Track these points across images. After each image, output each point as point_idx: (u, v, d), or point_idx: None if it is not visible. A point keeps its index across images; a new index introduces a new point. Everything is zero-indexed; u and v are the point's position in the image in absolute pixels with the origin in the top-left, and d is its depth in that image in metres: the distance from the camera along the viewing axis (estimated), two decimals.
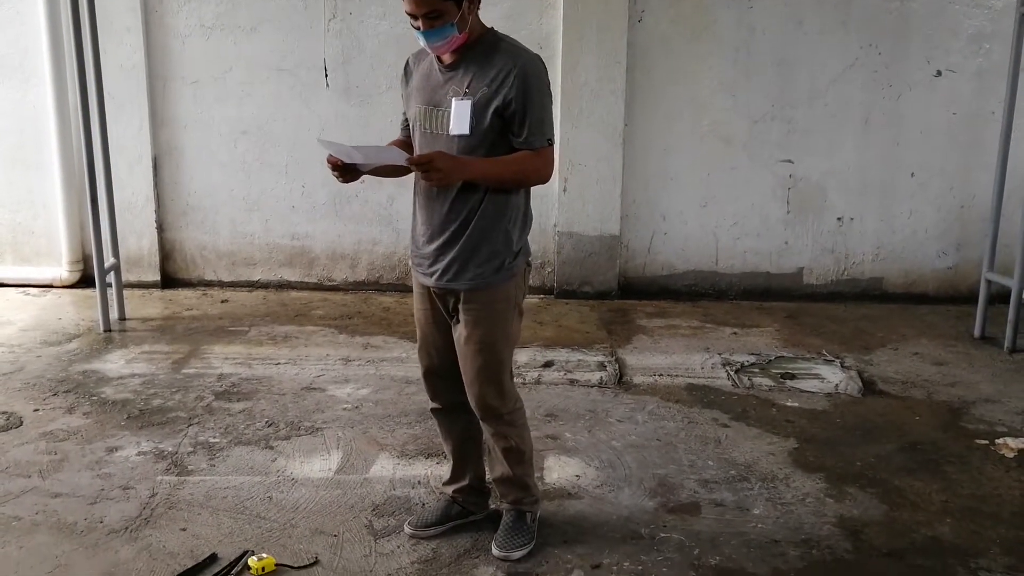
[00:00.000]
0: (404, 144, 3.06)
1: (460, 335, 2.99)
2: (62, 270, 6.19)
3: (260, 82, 6.09)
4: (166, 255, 6.32)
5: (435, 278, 2.94)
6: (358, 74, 6.06)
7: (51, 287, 6.19)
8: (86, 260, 6.17)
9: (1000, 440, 4.09)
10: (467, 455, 3.25)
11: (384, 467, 3.74)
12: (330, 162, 2.87)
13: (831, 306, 6.21)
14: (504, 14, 5.77)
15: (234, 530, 3.24)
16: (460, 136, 2.80)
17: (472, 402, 3.05)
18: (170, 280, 6.33)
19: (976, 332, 5.55)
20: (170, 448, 3.88)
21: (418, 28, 2.74)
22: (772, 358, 5.15)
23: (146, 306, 5.95)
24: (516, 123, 2.79)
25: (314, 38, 6.00)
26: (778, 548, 3.23)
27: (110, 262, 5.48)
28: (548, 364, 4.90)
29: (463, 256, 2.89)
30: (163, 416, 4.20)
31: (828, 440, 4.11)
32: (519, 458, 3.13)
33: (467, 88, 2.80)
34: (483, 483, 3.30)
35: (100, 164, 5.40)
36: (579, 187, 6.04)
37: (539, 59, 2.85)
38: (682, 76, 6.08)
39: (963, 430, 4.24)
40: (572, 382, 4.73)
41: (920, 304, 6.29)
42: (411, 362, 4.37)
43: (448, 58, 2.85)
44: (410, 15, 2.73)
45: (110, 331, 5.37)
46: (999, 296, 5.55)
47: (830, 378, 4.85)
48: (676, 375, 4.85)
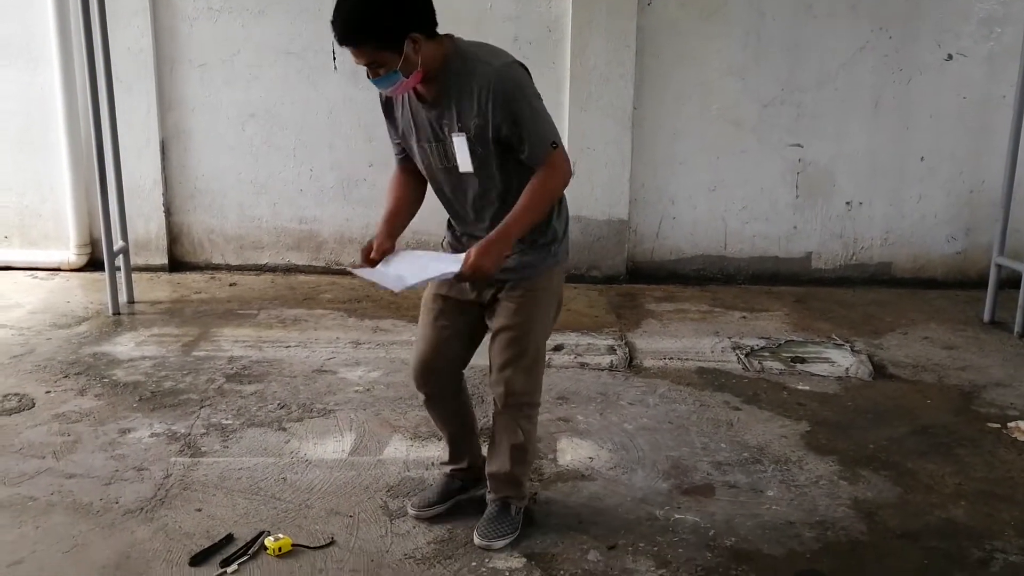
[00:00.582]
0: (411, 177, 3.02)
1: (498, 323, 2.97)
2: (70, 253, 6.18)
3: (268, 65, 6.07)
4: (174, 239, 6.31)
5: None
6: None
7: (59, 270, 6.19)
8: (94, 244, 6.16)
9: (1012, 424, 4.09)
10: (464, 438, 3.25)
11: (397, 448, 3.74)
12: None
13: (840, 291, 6.21)
14: None
15: (249, 511, 3.25)
16: (468, 172, 2.80)
17: (498, 390, 3.01)
18: (178, 264, 6.32)
19: (986, 317, 5.55)
20: (183, 430, 3.88)
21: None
22: (782, 342, 5.15)
23: (154, 289, 5.94)
24: (515, 142, 2.70)
25: (322, 21, 5.89)
26: (793, 530, 3.23)
27: (119, 245, 5.47)
28: (558, 348, 4.90)
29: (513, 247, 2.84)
30: (175, 398, 4.20)
31: (840, 423, 4.10)
32: (522, 457, 3.12)
33: (459, 123, 2.71)
34: (480, 459, 3.28)
35: (108, 147, 5.39)
36: (587, 171, 6.03)
37: (512, 65, 2.71)
38: (691, 59, 6.06)
39: (975, 414, 4.24)
40: (582, 365, 4.73)
41: (929, 289, 6.28)
42: None
43: (423, 92, 2.75)
44: None
45: (119, 314, 5.37)
46: (1009, 281, 5.55)
47: (840, 362, 4.85)
48: (686, 359, 4.85)
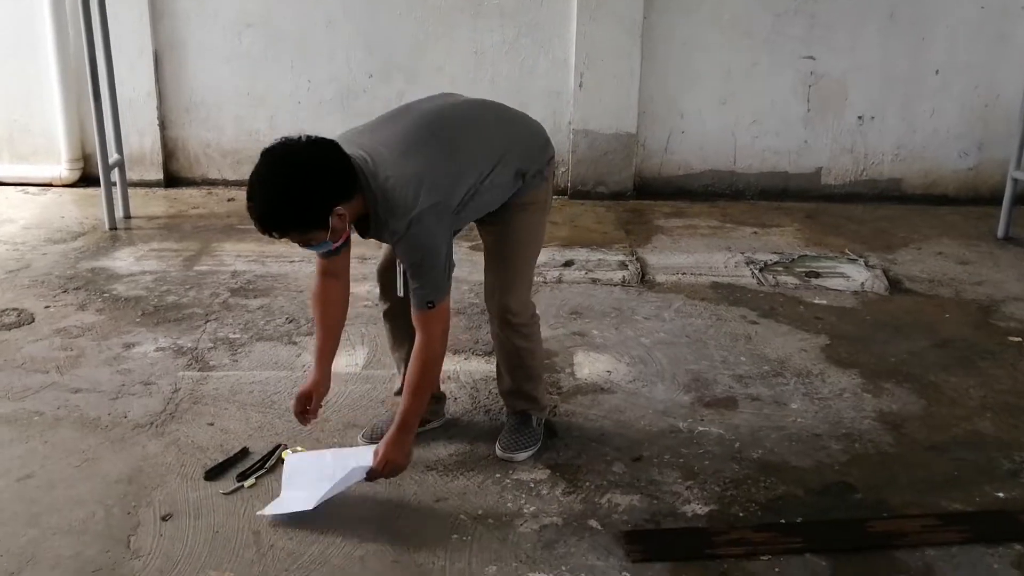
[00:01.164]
0: (336, 283, 2.86)
1: (486, 243, 2.92)
2: (61, 168, 6.00)
3: None
4: (169, 153, 6.13)
5: None
6: None
7: (50, 186, 6.01)
8: (86, 158, 5.98)
9: None
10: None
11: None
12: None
13: (849, 207, 6.09)
14: None
15: (263, 424, 3.16)
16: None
17: (492, 310, 2.95)
18: (173, 179, 6.15)
19: (1000, 232, 5.45)
20: (189, 344, 3.77)
21: None
22: (795, 257, 5.05)
23: (150, 204, 5.79)
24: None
25: None
26: (819, 442, 3.16)
27: (114, 158, 5.30)
28: (568, 263, 4.79)
29: None
30: (179, 312, 4.09)
31: (859, 337, 4.03)
32: (527, 374, 3.04)
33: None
34: (437, 390, 3.15)
35: (101, 57, 5.17)
36: (595, 83, 5.85)
37: (416, 220, 2.50)
38: None
39: (995, 328, 4.17)
40: (594, 281, 4.62)
41: (939, 205, 6.17)
42: None
43: (358, 229, 2.64)
44: None
45: (115, 229, 5.23)
46: None
47: (855, 277, 4.77)
48: (699, 274, 4.75)
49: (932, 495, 2.86)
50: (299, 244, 2.55)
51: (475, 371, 3.60)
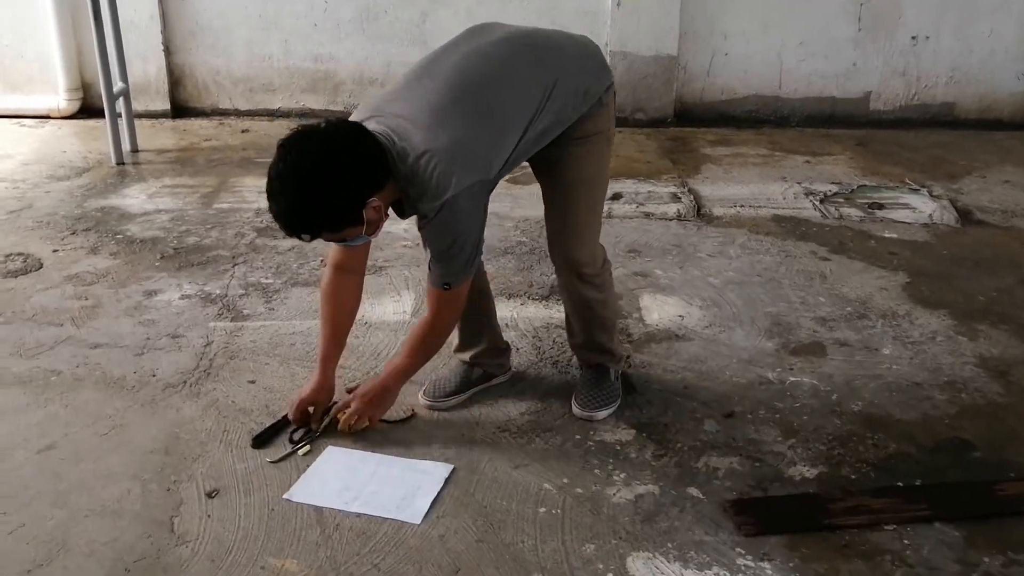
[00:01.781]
0: (348, 278, 2.56)
1: (545, 184, 2.57)
2: (59, 99, 5.57)
3: None
4: (175, 81, 5.70)
5: None
6: None
7: (48, 118, 5.59)
8: (85, 87, 5.57)
9: None
10: (478, 316, 2.76)
11: None
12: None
13: (900, 133, 5.72)
14: None
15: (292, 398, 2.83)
16: None
17: (556, 259, 2.62)
18: (181, 109, 5.73)
19: None
20: (217, 291, 3.43)
21: None
22: (855, 187, 4.71)
23: (158, 137, 5.38)
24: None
25: None
26: (922, 392, 2.86)
27: (118, 87, 4.87)
28: (617, 196, 4.44)
29: None
30: (202, 255, 3.74)
31: (940, 274, 3.71)
32: (602, 325, 2.72)
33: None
34: (501, 341, 2.86)
35: None
36: (633, 2, 5.43)
37: (456, 199, 2.20)
38: None
39: None
40: (647, 215, 4.28)
41: (993, 130, 5.81)
42: None
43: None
44: None
45: (123, 164, 4.84)
46: None
47: (921, 208, 4.43)
48: (758, 206, 4.41)
49: None
50: (332, 241, 2.26)
51: (534, 317, 3.27)
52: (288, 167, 2.07)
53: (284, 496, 2.32)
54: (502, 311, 3.23)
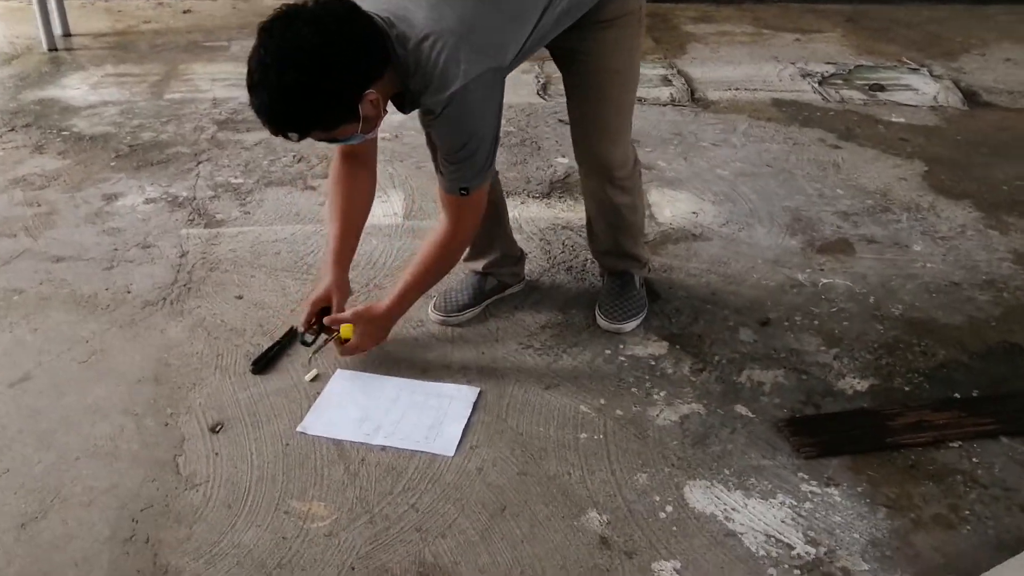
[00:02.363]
0: (360, 168, 2.25)
1: (572, 78, 2.24)
2: None
3: None
4: None
5: None
6: None
7: None
8: None
9: None
10: (490, 221, 2.44)
11: None
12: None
13: (890, 8, 5.47)
14: None
15: (306, 294, 2.55)
16: None
17: (587, 164, 2.35)
18: None
19: None
20: (184, 193, 3.10)
21: None
22: (851, 67, 4.47)
23: (91, 19, 4.89)
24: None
25: None
26: (962, 292, 2.70)
27: None
28: None
29: None
30: (161, 153, 3.38)
31: (957, 161, 3.52)
32: (630, 231, 2.49)
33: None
34: (515, 248, 2.61)
35: None
36: None
37: (467, 90, 1.86)
38: None
39: None
40: (639, 100, 3.99)
41: (985, 4, 5.57)
42: None
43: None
44: None
45: (55, 50, 4.38)
46: None
47: (924, 89, 4.22)
48: (755, 89, 4.16)
49: None
50: (323, 141, 1.91)
51: (538, 218, 3.02)
52: (272, 54, 1.73)
53: (298, 428, 2.07)
54: None
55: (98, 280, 2.60)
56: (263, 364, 2.26)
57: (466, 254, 2.52)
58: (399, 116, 2.09)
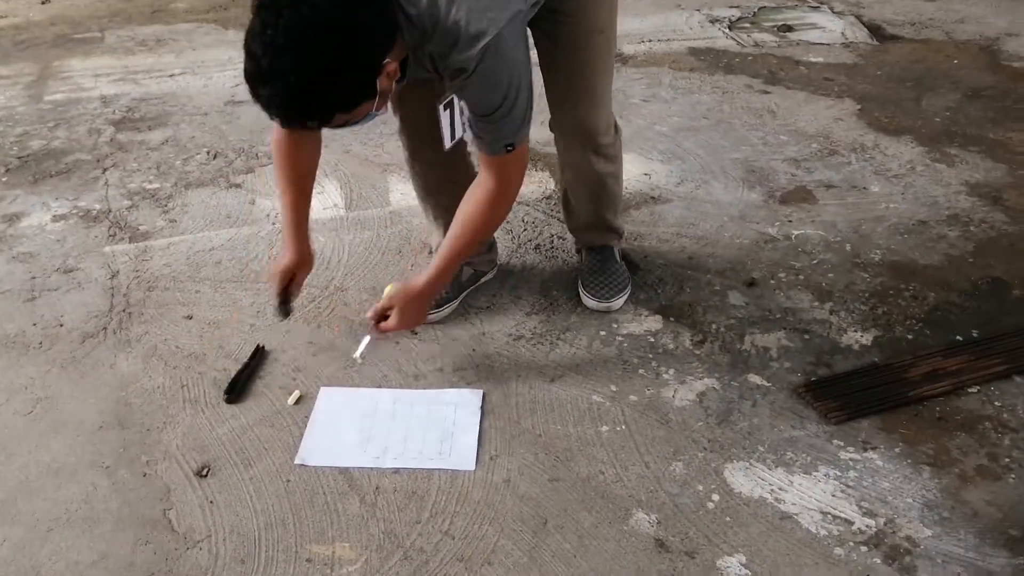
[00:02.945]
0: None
1: (545, 44, 2.06)
2: None
3: None
4: None
5: None
6: None
7: None
8: None
9: None
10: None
11: (403, 193, 2.84)
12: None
13: None
14: None
15: (263, 305, 2.33)
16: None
17: (569, 134, 2.19)
18: None
19: None
20: (97, 205, 2.79)
21: None
22: (755, 9, 4.43)
23: None
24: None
25: None
26: (931, 230, 2.67)
27: None
28: None
29: None
30: (58, 162, 3.04)
31: (886, 97, 3.52)
32: (611, 201, 2.36)
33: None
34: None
35: None
36: None
37: (500, 38, 1.67)
38: None
39: (1011, 70, 3.76)
40: None
41: None
42: None
43: None
44: None
45: None
46: None
47: (830, 26, 4.22)
48: (668, 39, 4.07)
49: None
50: (341, 126, 1.67)
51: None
52: (285, 34, 1.47)
53: (296, 461, 1.86)
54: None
55: (21, 316, 2.29)
56: (236, 391, 2.03)
57: (438, 242, 2.32)
58: None
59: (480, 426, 1.95)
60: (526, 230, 2.66)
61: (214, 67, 3.74)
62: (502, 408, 2.01)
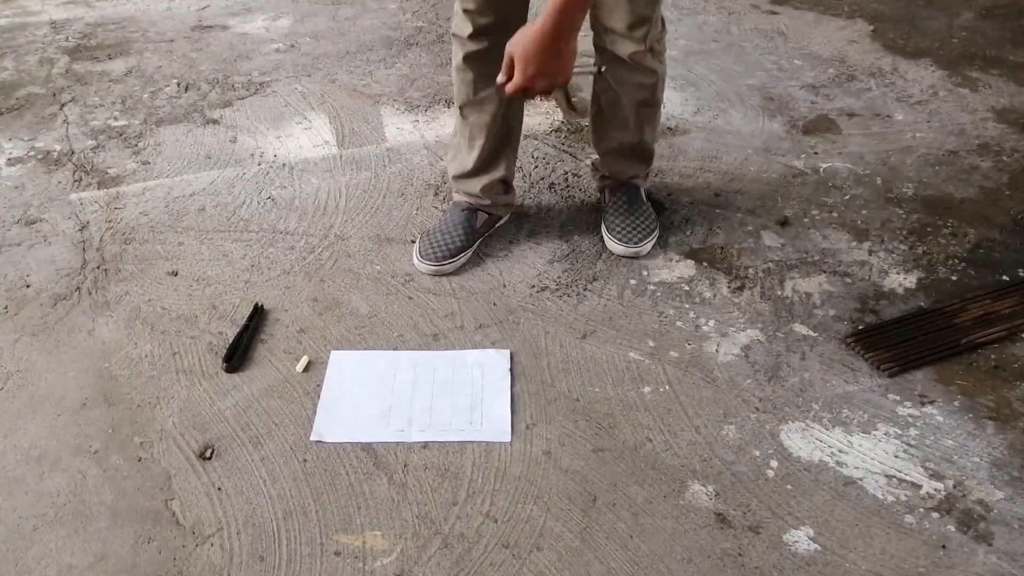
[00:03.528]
0: None
1: None
2: None
3: None
4: None
5: None
6: None
7: None
8: None
9: None
10: (503, 136, 2.08)
11: (400, 126, 2.61)
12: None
13: None
14: None
15: (256, 258, 2.10)
16: None
17: (625, 26, 1.91)
18: None
19: None
20: (57, 146, 2.52)
21: None
22: None
23: None
24: None
25: None
26: (963, 161, 2.51)
27: None
28: None
29: None
30: (8, 97, 2.75)
31: (899, 17, 3.34)
32: (654, 115, 2.13)
33: None
34: (514, 171, 2.19)
35: None
36: None
37: None
38: None
39: None
40: None
41: None
42: None
43: None
44: None
45: None
46: None
47: None
48: None
49: None
50: None
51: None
52: None
53: (312, 438, 1.67)
54: (442, 120, 2.56)
55: None
56: (237, 358, 1.82)
57: (466, 170, 2.11)
58: (285, 21, 1.63)
59: (511, 391, 1.77)
60: (537, 167, 2.45)
61: None
62: (532, 370, 1.82)
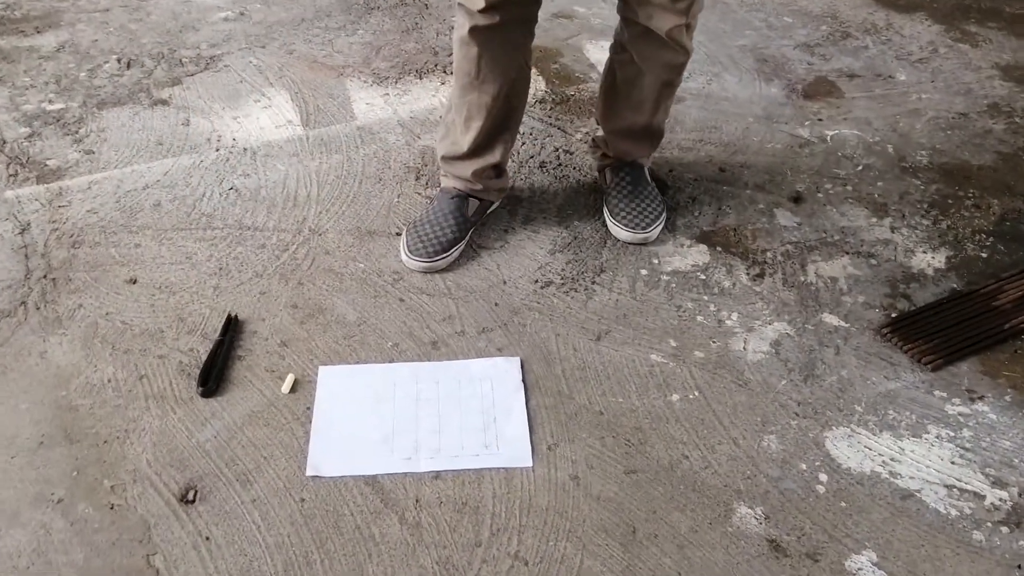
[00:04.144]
0: None
1: None
2: None
3: None
4: None
5: None
6: None
7: None
8: None
9: None
10: (503, 117, 1.88)
11: (370, 101, 2.38)
12: None
13: None
14: None
15: (224, 259, 1.88)
16: None
17: (660, 18, 1.72)
18: None
19: None
20: None
21: None
22: None
23: None
24: None
25: None
26: (974, 124, 2.38)
27: None
28: None
29: None
30: None
31: None
32: (671, 95, 1.93)
33: None
34: (508, 155, 1.98)
35: None
36: None
37: None
38: None
39: None
40: None
41: None
42: None
43: None
44: None
45: None
46: None
47: None
48: None
49: None
50: None
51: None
52: None
53: (308, 472, 1.47)
54: (415, 93, 2.35)
55: None
56: (213, 379, 1.60)
57: (459, 152, 1.89)
58: None
59: (527, 406, 1.58)
60: (525, 144, 2.24)
61: None
62: (547, 379, 1.64)
